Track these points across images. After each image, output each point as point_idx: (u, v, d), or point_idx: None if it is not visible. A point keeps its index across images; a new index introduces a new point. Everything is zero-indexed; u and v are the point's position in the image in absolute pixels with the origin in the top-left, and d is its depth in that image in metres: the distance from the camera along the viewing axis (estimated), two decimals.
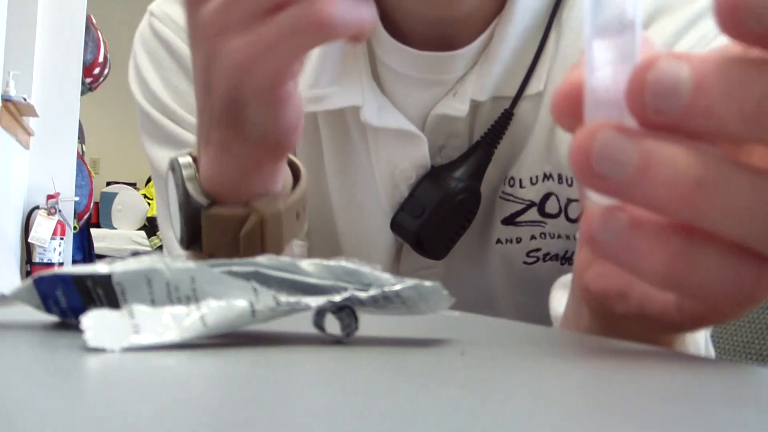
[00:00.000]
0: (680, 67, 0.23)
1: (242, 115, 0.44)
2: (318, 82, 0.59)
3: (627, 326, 0.33)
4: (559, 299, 0.56)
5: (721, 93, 0.22)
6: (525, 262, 0.62)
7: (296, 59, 0.41)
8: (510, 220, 0.62)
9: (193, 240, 0.48)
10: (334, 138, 0.62)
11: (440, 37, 0.57)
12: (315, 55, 0.59)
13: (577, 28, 0.58)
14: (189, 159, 0.48)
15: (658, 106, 0.23)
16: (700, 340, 0.51)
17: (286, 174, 0.49)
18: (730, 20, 0.22)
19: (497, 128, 0.59)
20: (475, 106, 0.59)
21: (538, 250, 0.62)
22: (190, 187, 0.47)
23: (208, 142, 0.46)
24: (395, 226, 0.61)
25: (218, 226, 0.47)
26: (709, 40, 0.57)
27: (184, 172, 0.47)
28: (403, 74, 0.59)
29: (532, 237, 0.62)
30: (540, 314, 0.58)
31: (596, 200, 0.25)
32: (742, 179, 0.23)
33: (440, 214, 0.59)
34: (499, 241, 0.62)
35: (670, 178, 0.23)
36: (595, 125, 0.24)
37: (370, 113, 0.58)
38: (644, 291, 0.31)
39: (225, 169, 0.46)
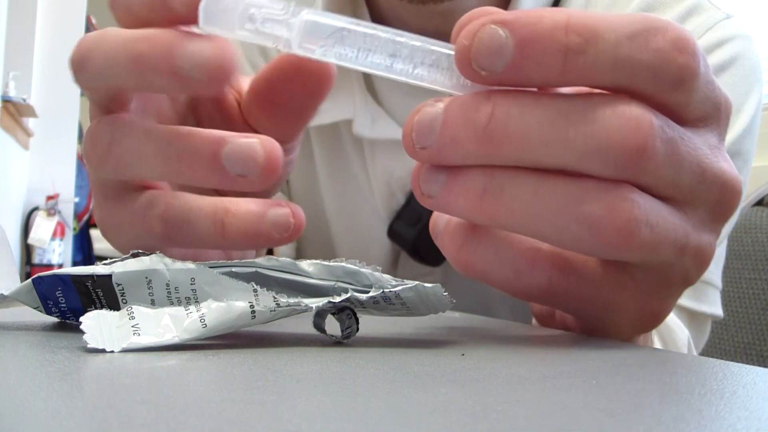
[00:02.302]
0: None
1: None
2: None
3: None
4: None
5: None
6: None
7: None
8: None
9: None
10: (326, 150, 0.62)
11: None
12: None
13: None
14: None
15: (422, 141, 0.25)
16: (682, 338, 0.52)
17: None
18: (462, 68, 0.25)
19: None
20: None
21: None
22: None
23: None
24: (392, 234, 0.61)
25: None
26: (698, 35, 0.57)
27: None
28: (400, 83, 0.59)
29: None
30: None
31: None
32: (525, 185, 0.25)
33: None
34: None
35: (463, 190, 0.25)
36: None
37: (362, 125, 0.59)
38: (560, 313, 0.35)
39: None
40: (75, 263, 3.36)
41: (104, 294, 0.26)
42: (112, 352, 0.22)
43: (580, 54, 0.24)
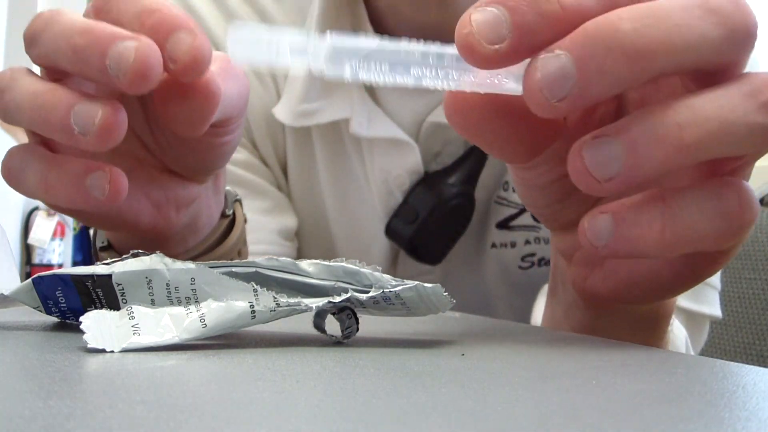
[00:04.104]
0: (558, 54, 0.25)
1: None
2: (307, 97, 0.59)
3: (618, 315, 0.35)
4: (540, 309, 0.56)
5: (601, 52, 0.24)
6: (521, 267, 0.63)
7: None
8: (504, 224, 0.62)
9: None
10: (327, 149, 0.63)
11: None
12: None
13: None
14: None
15: (557, 95, 0.25)
16: (680, 337, 0.52)
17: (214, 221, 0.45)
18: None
19: None
20: None
21: (533, 255, 0.62)
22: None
23: None
24: (390, 232, 0.61)
25: None
26: None
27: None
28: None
29: (527, 242, 0.62)
30: None
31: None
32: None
33: (434, 220, 0.59)
34: (494, 245, 0.63)
35: (657, 140, 0.25)
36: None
37: (359, 124, 0.59)
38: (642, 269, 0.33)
39: None
40: (75, 263, 3.35)
41: (104, 294, 0.26)
42: (112, 352, 0.22)
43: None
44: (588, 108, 0.30)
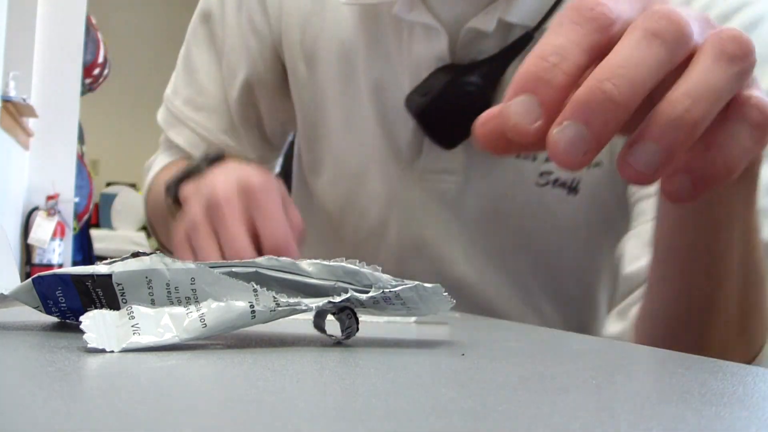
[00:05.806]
0: (568, 125, 0.30)
1: None
2: None
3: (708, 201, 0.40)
4: (612, 327, 0.57)
5: (598, 109, 0.30)
6: (537, 183, 0.65)
7: None
8: None
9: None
10: (367, 30, 0.68)
11: None
12: None
13: None
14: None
15: (579, 152, 0.30)
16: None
17: None
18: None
19: (514, 46, 0.63)
20: (506, 31, 0.63)
21: (550, 173, 0.65)
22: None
23: None
24: (407, 103, 0.66)
25: None
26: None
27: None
28: None
29: (547, 159, 0.64)
30: (541, 275, 0.66)
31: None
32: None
33: (447, 96, 0.64)
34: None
35: (675, 128, 0.30)
36: None
37: (402, 8, 0.65)
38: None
39: None
40: (75, 263, 3.35)
41: (104, 294, 0.26)
42: (112, 352, 0.22)
43: None
44: None
